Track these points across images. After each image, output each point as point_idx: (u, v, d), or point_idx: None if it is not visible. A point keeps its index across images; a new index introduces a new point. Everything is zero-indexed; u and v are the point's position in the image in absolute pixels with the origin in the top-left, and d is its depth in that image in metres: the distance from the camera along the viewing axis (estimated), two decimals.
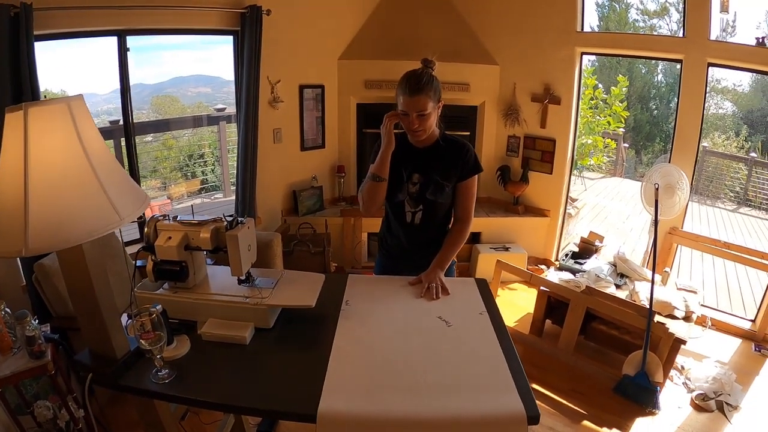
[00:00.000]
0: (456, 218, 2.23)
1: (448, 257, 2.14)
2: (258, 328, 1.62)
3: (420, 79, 1.90)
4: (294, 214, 4.65)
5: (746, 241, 7.25)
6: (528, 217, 4.99)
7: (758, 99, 12.59)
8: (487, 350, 1.59)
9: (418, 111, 1.91)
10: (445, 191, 2.11)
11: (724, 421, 3.10)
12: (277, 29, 3.97)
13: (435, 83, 1.94)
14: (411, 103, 1.91)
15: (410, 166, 2.11)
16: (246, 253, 1.60)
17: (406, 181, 2.12)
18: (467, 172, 2.12)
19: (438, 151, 2.10)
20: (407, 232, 2.21)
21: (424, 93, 1.89)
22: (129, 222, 1.25)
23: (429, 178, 2.09)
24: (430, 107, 1.92)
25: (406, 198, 2.14)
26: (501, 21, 4.71)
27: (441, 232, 2.24)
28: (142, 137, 6.40)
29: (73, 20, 3.08)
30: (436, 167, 2.09)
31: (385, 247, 2.36)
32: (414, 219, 2.17)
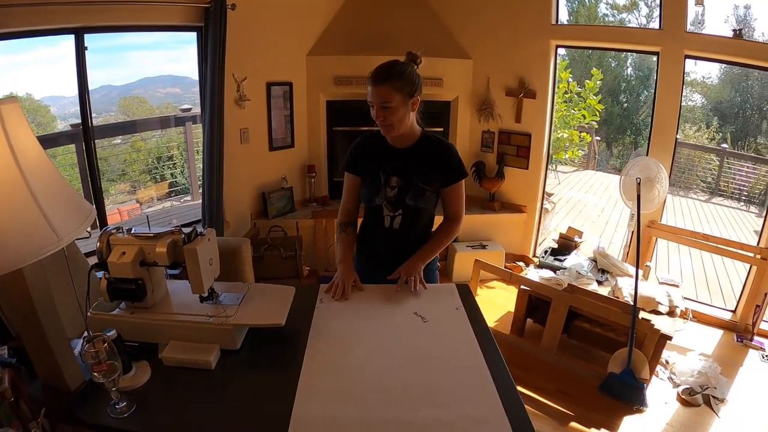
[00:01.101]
0: (446, 217, 2.11)
1: (432, 252, 2.04)
2: (224, 350, 1.47)
3: (389, 68, 1.79)
4: (264, 216, 4.48)
5: (721, 231, 7.33)
6: (504, 213, 4.91)
7: (727, 91, 12.81)
8: (465, 346, 1.55)
9: (380, 102, 1.78)
10: (425, 196, 1.97)
11: (711, 414, 3.09)
12: (242, 24, 3.79)
13: (408, 76, 1.80)
14: (374, 93, 1.79)
15: (388, 167, 1.96)
16: (207, 267, 1.44)
17: (383, 185, 1.97)
18: (451, 178, 1.98)
19: (418, 152, 1.95)
20: (386, 237, 2.07)
21: (389, 83, 1.76)
22: (69, 242, 1.08)
23: (408, 181, 1.95)
24: (396, 100, 1.78)
25: (384, 202, 2.00)
26: (474, 14, 4.61)
27: (423, 237, 2.10)
28: (111, 140, 6.16)
29: (27, 18, 2.86)
30: (417, 170, 1.95)
31: (363, 252, 2.21)
32: (393, 224, 2.03)
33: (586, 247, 4.65)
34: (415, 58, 1.86)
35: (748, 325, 4.02)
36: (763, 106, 12.13)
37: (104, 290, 1.44)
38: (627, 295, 3.51)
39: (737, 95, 12.61)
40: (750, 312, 4.01)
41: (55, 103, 6.57)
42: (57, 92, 5.91)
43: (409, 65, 1.83)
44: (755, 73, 11.19)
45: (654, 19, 10.88)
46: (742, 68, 4.36)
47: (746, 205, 9.05)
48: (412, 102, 1.83)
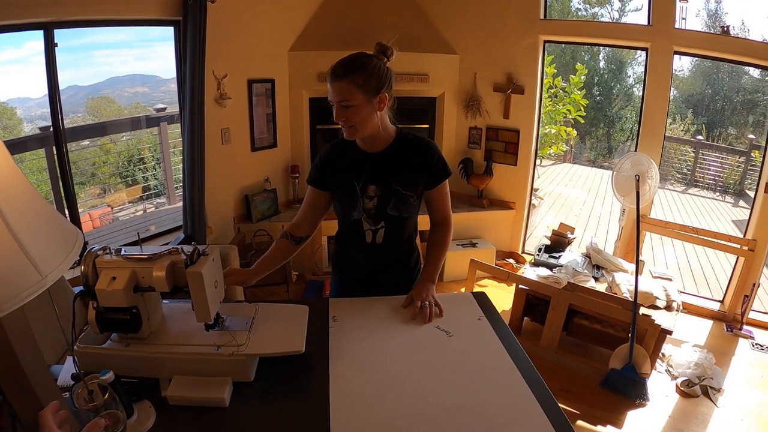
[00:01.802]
0: (435, 223, 1.93)
1: (436, 267, 1.85)
2: (236, 382, 1.30)
3: (350, 62, 1.57)
4: (247, 220, 4.31)
5: (700, 222, 7.43)
6: (493, 210, 4.85)
7: (699, 83, 13.03)
8: (496, 361, 1.45)
9: (338, 100, 1.57)
10: (408, 203, 1.76)
11: (710, 404, 3.14)
12: (222, 18, 3.60)
13: (373, 70, 1.57)
14: (333, 91, 1.57)
15: (363, 176, 1.74)
16: (212, 291, 1.27)
17: (360, 196, 1.75)
18: (436, 178, 1.78)
19: (396, 155, 1.74)
20: (369, 253, 1.85)
21: (349, 79, 1.54)
22: (56, 279, 0.90)
23: (388, 189, 1.73)
24: (358, 99, 1.56)
25: (363, 216, 1.78)
26: (460, 8, 4.51)
27: (409, 248, 1.93)
28: (79, 142, 5.89)
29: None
30: (396, 175, 1.73)
31: (342, 270, 1.99)
32: (376, 238, 1.81)
33: (577, 242, 4.63)
34: (385, 49, 1.63)
35: (736, 315, 4.08)
36: (733, 97, 12.39)
37: (93, 322, 1.24)
38: (625, 291, 3.49)
39: (708, 87, 12.85)
40: (738, 302, 4.07)
41: (21, 105, 6.29)
42: (23, 94, 5.64)
43: (376, 58, 1.60)
44: (725, 66, 11.39)
45: (626, 14, 11.02)
46: (713, 61, 4.45)
47: (722, 195, 9.22)
48: (378, 100, 1.60)
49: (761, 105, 11.64)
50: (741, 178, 9.28)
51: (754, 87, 12.06)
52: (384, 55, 1.63)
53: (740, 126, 12.33)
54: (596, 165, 12.29)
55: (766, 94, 11.21)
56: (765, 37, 9.13)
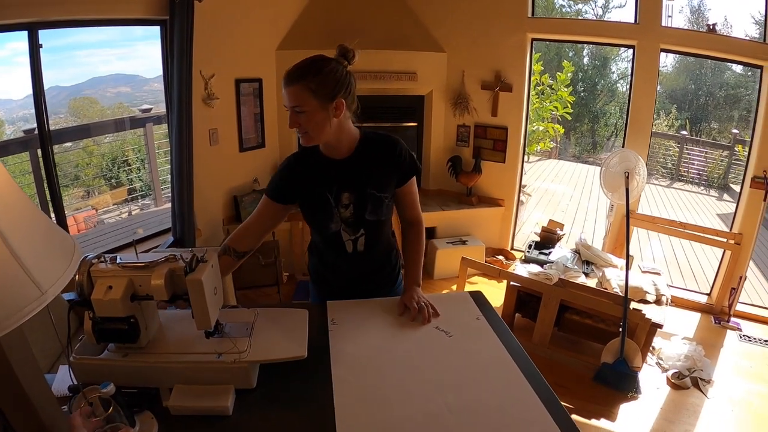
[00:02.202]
0: (407, 223, 1.88)
1: (419, 270, 1.83)
2: (238, 390, 1.28)
3: (305, 66, 1.50)
4: (237, 221, 4.25)
5: (686, 216, 7.52)
6: (482, 207, 4.86)
7: (682, 79, 13.18)
8: (497, 360, 1.46)
9: (291, 105, 1.50)
10: (385, 204, 1.70)
11: (701, 396, 3.20)
12: (209, 17, 3.56)
13: (329, 75, 1.49)
14: (286, 95, 1.50)
15: (335, 185, 1.66)
16: (212, 298, 1.25)
17: (335, 206, 1.67)
18: (406, 174, 1.74)
19: (363, 158, 1.66)
20: (351, 263, 1.79)
21: (302, 84, 1.47)
22: (56, 294, 0.86)
23: (362, 194, 1.66)
24: (311, 105, 1.48)
25: (342, 226, 1.71)
26: (448, 7, 4.51)
27: (388, 251, 1.89)
28: (63, 144, 5.80)
29: None
30: (368, 178, 1.66)
31: (322, 281, 1.92)
32: (357, 246, 1.75)
33: (566, 238, 4.65)
34: (346, 52, 1.54)
35: (724, 308, 4.15)
36: (717, 92, 12.56)
37: (90, 332, 1.21)
38: (615, 286, 3.52)
39: (692, 83, 13.01)
40: (725, 295, 4.14)
41: (3, 107, 6.18)
42: (4, 95, 5.53)
43: (335, 62, 1.53)
44: (708, 62, 11.53)
45: (610, 10, 11.10)
46: (696, 57, 4.55)
47: (706, 189, 9.34)
48: (333, 106, 1.51)
49: (744, 100, 11.80)
50: (725, 172, 9.42)
51: (737, 82, 12.24)
52: (345, 58, 1.55)
53: (724, 121, 12.51)
54: (581, 160, 12.38)
55: (749, 89, 11.36)
56: (748, 33, 9.27)
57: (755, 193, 3.92)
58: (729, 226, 4.36)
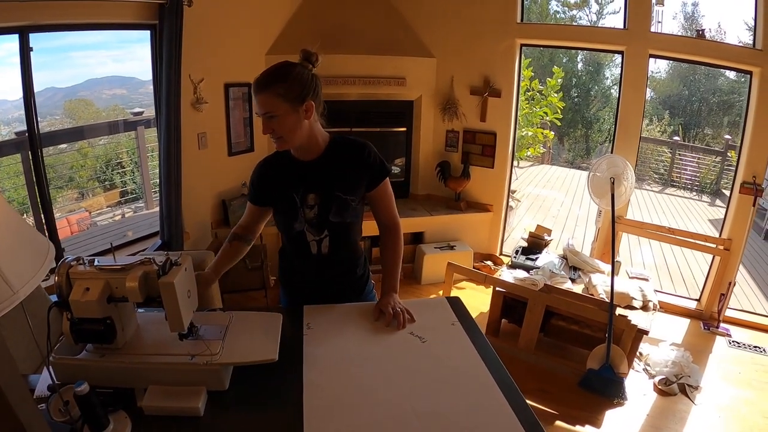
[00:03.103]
0: (383, 227, 1.89)
1: (396, 276, 1.84)
2: (211, 391, 1.30)
3: (272, 73, 1.55)
4: (225, 225, 4.27)
5: (677, 221, 7.55)
6: (471, 213, 4.86)
7: (675, 84, 13.25)
8: (469, 365, 1.46)
9: (263, 112, 1.55)
10: (351, 207, 1.73)
11: (688, 402, 3.19)
12: (199, 22, 3.57)
13: (296, 79, 1.54)
14: (258, 103, 1.55)
15: (301, 186, 1.70)
16: (186, 301, 1.27)
17: (300, 206, 1.71)
18: (375, 178, 1.76)
19: (331, 160, 1.71)
20: (315, 265, 1.81)
21: (272, 90, 1.52)
22: (27, 294, 0.88)
23: (328, 195, 1.70)
24: (282, 109, 1.53)
25: (305, 227, 1.74)
26: (437, 12, 4.53)
27: (354, 256, 1.90)
28: (57, 146, 5.79)
29: None
30: (334, 180, 1.70)
31: (290, 284, 1.95)
32: (321, 248, 1.78)
33: (554, 244, 4.66)
34: (309, 56, 1.60)
35: (713, 313, 4.16)
36: (710, 98, 12.62)
37: (68, 332, 1.24)
38: (601, 291, 3.52)
39: (685, 89, 13.07)
40: (715, 300, 4.15)
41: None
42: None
43: (300, 66, 1.58)
44: (702, 68, 11.60)
45: (604, 16, 11.18)
46: (686, 63, 4.63)
47: (698, 194, 9.38)
48: (303, 108, 1.57)
49: (737, 106, 11.87)
50: (717, 178, 9.47)
51: (730, 88, 12.31)
52: (309, 61, 1.60)
53: (716, 126, 12.58)
54: (574, 166, 12.42)
55: (742, 95, 11.41)
56: (741, 39, 9.31)
57: (744, 198, 3.95)
58: (719, 231, 4.37)
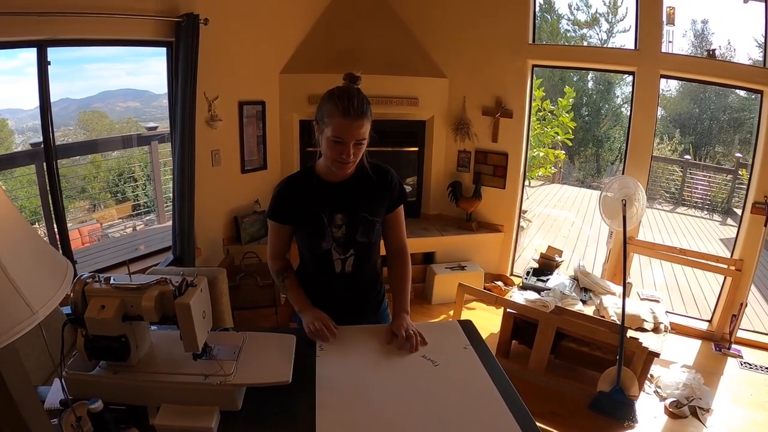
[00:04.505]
0: (393, 251, 1.93)
1: (407, 298, 1.86)
2: (224, 411, 1.31)
3: (359, 97, 1.55)
4: (237, 242, 4.30)
5: (689, 241, 7.49)
6: (482, 233, 4.86)
7: (686, 103, 13.22)
8: (481, 389, 1.47)
9: (357, 139, 1.56)
10: (375, 229, 1.79)
11: (699, 425, 3.15)
12: (215, 40, 3.63)
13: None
14: (352, 130, 1.54)
15: (329, 206, 1.74)
16: (200, 322, 1.29)
17: (328, 226, 1.74)
18: (395, 202, 1.83)
19: (359, 182, 1.76)
20: (339, 283, 1.84)
21: (367, 116, 1.56)
22: (47, 314, 0.90)
23: (355, 216, 1.75)
24: (368, 134, 1.59)
25: (333, 246, 1.78)
26: (449, 33, 4.58)
27: (374, 274, 1.94)
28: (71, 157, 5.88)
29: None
30: (361, 202, 1.75)
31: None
32: (345, 267, 1.81)
33: (565, 265, 4.65)
34: (356, 80, 1.62)
35: (725, 334, 4.11)
36: (720, 116, 12.58)
37: (82, 349, 1.26)
38: (613, 314, 3.50)
39: (695, 107, 13.05)
40: (726, 321, 4.10)
41: (13, 117, 6.26)
42: (15, 105, 5.61)
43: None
44: (712, 86, 11.58)
45: (615, 35, 11.22)
46: (701, 83, 4.68)
47: (709, 213, 9.31)
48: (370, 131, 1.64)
49: (748, 123, 11.82)
50: (728, 197, 9.40)
51: (741, 105, 12.26)
52: (354, 84, 1.62)
53: (727, 144, 12.52)
54: (585, 185, 12.39)
55: (753, 113, 11.39)
56: (751, 56, 9.30)
57: (756, 218, 3.92)
58: (731, 252, 4.34)
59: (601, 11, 11.48)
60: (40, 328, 1.58)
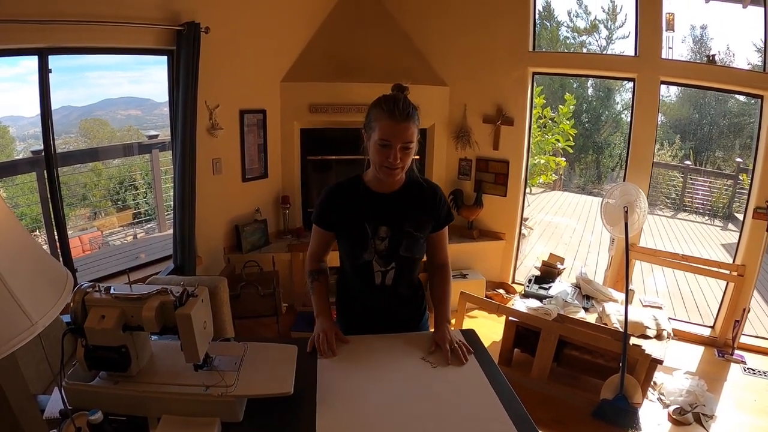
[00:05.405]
0: (435, 265, 1.91)
1: (448, 307, 1.86)
2: (225, 422, 1.30)
3: (405, 101, 1.58)
4: (237, 251, 4.28)
5: (690, 247, 7.48)
6: (483, 241, 4.85)
7: (686, 108, 13.24)
8: (481, 395, 1.48)
9: (404, 142, 1.56)
10: (419, 244, 1.77)
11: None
12: (216, 49, 3.64)
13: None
14: (398, 132, 1.55)
15: (374, 217, 1.72)
16: (201, 332, 1.28)
17: (371, 237, 1.72)
18: (442, 221, 1.82)
19: (407, 196, 1.74)
20: (378, 295, 1.82)
21: (414, 119, 1.58)
22: (47, 324, 0.90)
23: (400, 230, 1.72)
24: (416, 139, 1.60)
25: (374, 257, 1.75)
26: (449, 41, 4.58)
27: (414, 289, 1.93)
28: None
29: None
30: (407, 216, 1.73)
31: (346, 314, 1.96)
32: (385, 279, 1.79)
33: (567, 272, 4.63)
34: (404, 90, 1.65)
35: (727, 340, 4.10)
36: (720, 121, 12.59)
37: (82, 359, 1.25)
38: (615, 321, 3.49)
39: (695, 112, 13.06)
40: (729, 327, 4.09)
41: (14, 124, 6.27)
42: (16, 112, 5.63)
43: None
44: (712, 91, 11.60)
45: (614, 41, 11.26)
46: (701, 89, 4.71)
47: (711, 219, 9.30)
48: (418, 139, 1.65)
49: (748, 128, 11.82)
50: (729, 202, 9.40)
51: (741, 110, 12.27)
52: (402, 93, 1.65)
53: (727, 149, 12.52)
54: (586, 192, 12.38)
55: (753, 117, 11.39)
56: (750, 60, 9.31)
57: (758, 224, 3.92)
58: (732, 257, 4.33)
59: (600, 18, 11.52)
60: (39, 338, 1.57)
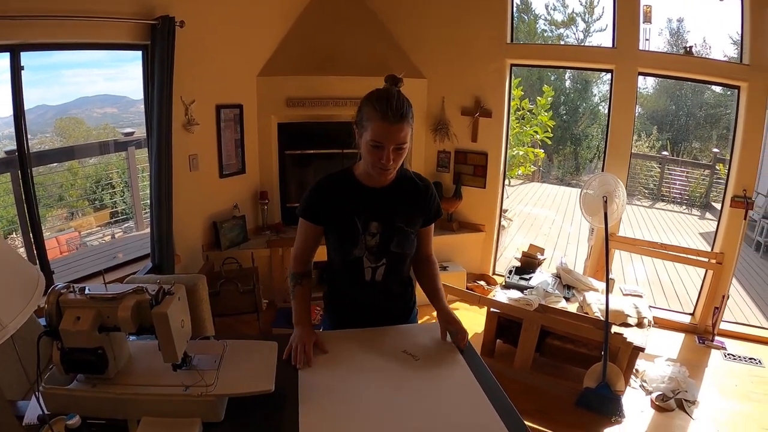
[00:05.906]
0: (423, 257, 1.88)
1: (443, 296, 1.85)
2: (206, 423, 1.27)
3: (400, 99, 1.49)
4: (216, 248, 4.21)
5: (668, 236, 7.59)
6: (463, 233, 4.85)
7: (663, 100, 13.42)
8: (463, 383, 1.49)
9: (397, 143, 1.49)
10: (410, 239, 1.72)
11: (686, 417, 3.19)
12: (191, 43, 3.57)
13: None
14: (391, 134, 1.47)
15: (364, 212, 1.67)
16: (179, 331, 1.24)
17: (362, 233, 1.68)
18: (431, 217, 1.79)
19: (398, 191, 1.70)
20: (369, 292, 1.78)
21: (408, 119, 1.50)
22: (17, 328, 0.87)
23: (391, 225, 1.68)
24: (409, 139, 1.53)
25: (365, 254, 1.71)
26: (427, 33, 4.57)
27: (404, 285, 1.89)
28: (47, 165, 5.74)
29: None
30: (398, 212, 1.69)
31: (338, 312, 1.91)
32: (375, 275, 1.74)
33: (547, 263, 4.66)
34: (398, 82, 1.56)
35: (708, 327, 4.17)
36: (697, 112, 12.79)
37: (58, 362, 1.22)
38: (596, 310, 3.52)
39: (672, 104, 13.25)
40: (709, 314, 4.16)
41: None
42: None
43: None
44: (688, 83, 11.78)
45: (591, 34, 11.35)
46: (674, 80, 4.77)
47: (688, 208, 9.45)
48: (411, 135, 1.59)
49: (724, 119, 12.05)
50: (706, 191, 9.56)
51: (717, 101, 12.50)
52: (396, 86, 1.56)
53: (704, 140, 12.75)
54: (564, 183, 12.50)
55: (729, 108, 11.59)
56: (726, 53, 9.46)
57: (735, 212, 3.99)
58: (711, 245, 4.40)
59: (578, 11, 11.61)
60: (12, 341, 1.53)
